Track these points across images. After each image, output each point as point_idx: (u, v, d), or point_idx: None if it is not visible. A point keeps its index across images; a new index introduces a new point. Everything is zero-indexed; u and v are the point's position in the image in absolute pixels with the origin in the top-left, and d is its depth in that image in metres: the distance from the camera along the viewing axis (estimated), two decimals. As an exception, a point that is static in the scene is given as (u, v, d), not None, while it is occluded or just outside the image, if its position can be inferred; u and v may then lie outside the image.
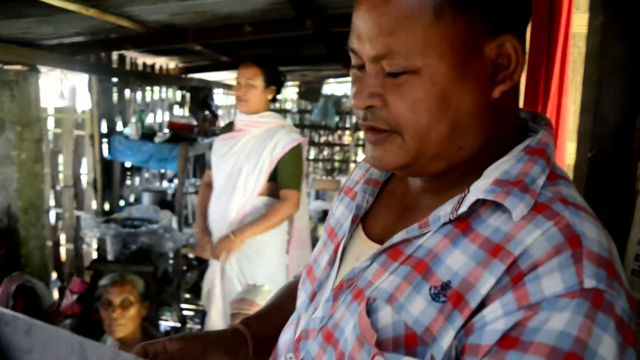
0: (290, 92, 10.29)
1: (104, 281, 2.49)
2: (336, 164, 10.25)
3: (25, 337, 0.66)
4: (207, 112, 5.75)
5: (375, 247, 0.75)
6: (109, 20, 2.81)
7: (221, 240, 2.60)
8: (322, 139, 10.28)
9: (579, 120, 1.56)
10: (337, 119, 9.77)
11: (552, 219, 0.61)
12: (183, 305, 4.32)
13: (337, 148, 10.39)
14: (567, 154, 2.19)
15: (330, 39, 4.40)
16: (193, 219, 4.22)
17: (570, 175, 2.38)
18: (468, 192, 0.67)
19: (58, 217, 4.36)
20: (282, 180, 2.67)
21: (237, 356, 0.90)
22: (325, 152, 10.48)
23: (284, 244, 2.84)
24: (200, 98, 5.88)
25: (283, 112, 9.92)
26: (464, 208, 0.66)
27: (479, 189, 0.66)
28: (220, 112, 6.51)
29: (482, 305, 0.60)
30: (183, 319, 4.11)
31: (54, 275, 4.21)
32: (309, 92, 8.66)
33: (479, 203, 0.66)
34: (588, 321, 0.55)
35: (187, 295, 4.66)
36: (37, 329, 0.68)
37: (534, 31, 2.09)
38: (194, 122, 4.79)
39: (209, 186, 2.88)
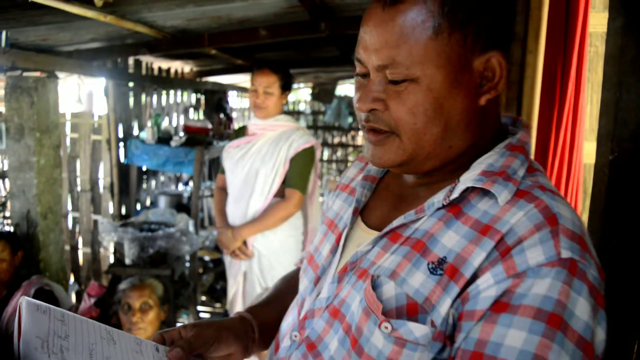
0: (303, 94, 10.30)
1: (123, 285, 2.51)
2: (349, 164, 10.24)
3: (61, 324, 0.73)
4: (222, 115, 5.77)
5: (374, 234, 0.85)
6: (126, 27, 2.84)
7: (220, 235, 2.68)
8: (336, 140, 10.27)
9: (598, 122, 1.54)
10: (350, 120, 9.76)
11: (532, 202, 0.72)
12: (200, 308, 4.35)
13: (350, 149, 10.38)
14: (585, 153, 2.18)
15: (343, 40, 4.41)
16: (209, 222, 4.24)
17: (591, 178, 2.36)
18: (458, 182, 0.78)
19: (75, 221, 4.41)
20: (288, 179, 2.70)
21: (245, 340, 0.98)
22: (339, 153, 10.47)
23: (300, 245, 2.85)
24: (215, 101, 5.91)
25: (296, 113, 9.94)
26: (455, 194, 0.76)
27: (468, 179, 0.77)
28: (234, 114, 6.53)
29: (475, 276, 0.70)
30: (200, 322, 4.12)
31: (72, 278, 4.25)
32: (322, 94, 8.67)
33: (469, 191, 0.77)
34: (566, 286, 0.65)
35: (204, 298, 4.68)
36: (70, 317, 0.76)
37: (551, 31, 2.08)
38: (209, 126, 4.81)
39: (223, 190, 2.91)
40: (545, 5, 2.19)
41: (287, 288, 1.13)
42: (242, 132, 2.89)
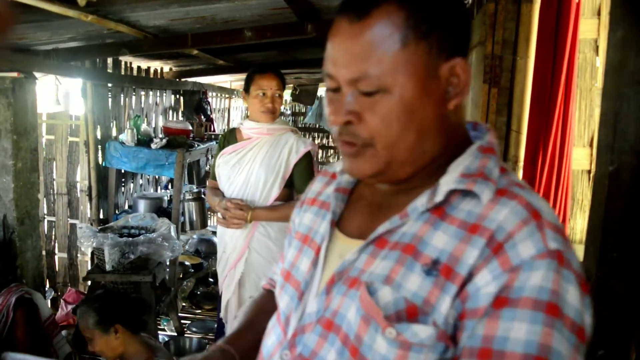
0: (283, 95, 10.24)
1: None
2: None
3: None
4: (202, 116, 5.69)
5: (357, 243, 0.85)
6: (108, 27, 2.76)
7: (236, 211, 2.62)
8: (317, 142, 10.25)
9: (598, 133, 1.53)
10: (331, 121, 9.71)
11: (514, 199, 0.75)
12: (181, 314, 4.27)
13: (331, 151, 10.36)
14: (574, 159, 2.17)
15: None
16: (190, 227, 4.16)
17: (579, 184, 2.36)
18: (438, 185, 0.80)
19: (51, 225, 4.29)
20: (299, 186, 2.69)
21: None
22: (320, 155, 10.45)
23: None
24: (195, 102, 5.82)
25: (276, 114, 9.86)
26: (440, 197, 0.78)
27: (449, 182, 0.79)
28: (214, 115, 6.44)
29: (471, 274, 0.71)
30: (181, 328, 4.05)
31: (47, 285, 4.13)
32: (303, 95, 8.61)
33: (449, 193, 0.79)
34: (557, 275, 0.68)
35: (184, 304, 4.60)
36: None
37: (541, 37, 2.08)
38: (189, 127, 4.73)
39: (216, 188, 2.86)
40: (536, 11, 2.19)
41: (259, 312, 1.13)
42: (232, 136, 2.83)
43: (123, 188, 4.57)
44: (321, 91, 9.54)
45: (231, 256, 2.76)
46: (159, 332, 3.79)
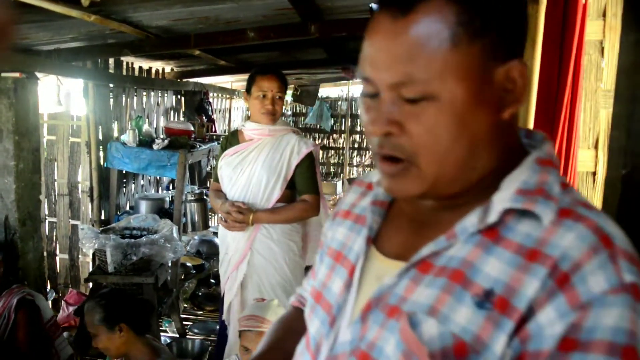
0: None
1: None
2: (331, 168, 10.20)
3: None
4: (203, 117, 5.67)
5: (396, 265, 0.76)
6: (111, 27, 2.74)
7: (237, 215, 2.62)
8: (317, 143, 10.23)
9: (609, 135, 1.52)
10: (332, 122, 9.72)
11: (580, 221, 0.65)
12: (183, 316, 4.25)
13: (332, 152, 10.35)
14: (579, 161, 2.16)
15: (330, 43, 4.36)
16: (192, 228, 4.14)
17: (584, 185, 2.35)
18: (491, 203, 0.70)
19: (52, 226, 4.26)
20: (301, 187, 2.69)
21: None
22: (321, 156, 10.44)
23: (299, 252, 2.80)
24: (196, 102, 5.80)
25: (277, 115, 9.84)
26: (493, 217, 0.69)
27: (504, 199, 0.69)
28: (215, 116, 6.43)
29: (532, 310, 0.62)
30: (183, 330, 4.03)
31: (48, 286, 4.11)
32: (304, 95, 8.60)
33: (504, 212, 0.69)
34: (634, 314, 0.59)
35: (185, 305, 4.58)
36: None
37: (547, 39, 2.06)
38: (191, 128, 4.71)
39: (219, 190, 2.85)
40: (542, 12, 2.17)
41: (287, 331, 1.04)
42: (234, 137, 2.82)
43: (124, 189, 4.55)
44: (322, 92, 9.54)
45: (233, 258, 2.75)
46: (161, 333, 3.77)
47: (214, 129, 5.87)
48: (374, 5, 0.73)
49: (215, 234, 5.03)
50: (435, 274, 0.70)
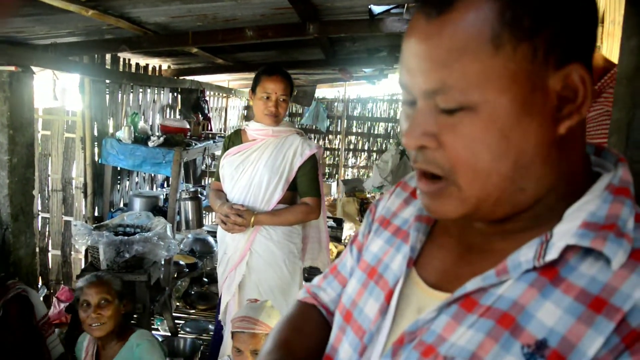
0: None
1: (80, 283, 2.50)
2: (327, 169, 10.18)
3: None
4: (199, 115, 5.65)
5: (436, 295, 0.69)
6: (108, 22, 2.72)
7: (236, 218, 2.61)
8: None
9: (607, 141, 1.51)
10: (328, 123, 9.70)
11: None
12: (175, 314, 4.22)
13: (327, 153, 10.33)
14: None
15: (328, 43, 4.35)
16: (186, 226, 4.12)
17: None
18: (551, 235, 0.61)
19: (45, 222, 4.23)
20: (303, 189, 2.69)
21: None
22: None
23: (298, 254, 2.79)
24: (193, 100, 5.77)
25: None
26: (553, 254, 0.59)
27: (566, 233, 0.60)
28: (211, 114, 6.40)
29: None
30: (175, 329, 4.01)
31: (40, 282, 4.08)
32: (301, 96, 8.59)
33: (565, 248, 0.60)
34: None
35: (178, 304, 4.56)
36: None
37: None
38: (187, 126, 4.69)
39: (219, 190, 2.84)
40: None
41: (295, 331, 0.95)
42: (237, 137, 2.81)
43: (119, 186, 4.52)
44: (318, 92, 9.52)
45: (232, 258, 2.74)
46: (153, 331, 3.74)
47: (209, 127, 5.84)
48: (374, 7, 0.67)
49: (210, 232, 5.01)
50: (481, 314, 0.62)
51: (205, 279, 4.82)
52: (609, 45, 2.83)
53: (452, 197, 0.64)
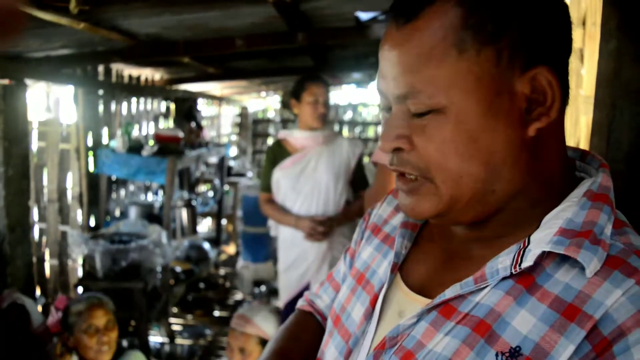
0: (273, 102, 10.25)
1: (79, 306, 2.39)
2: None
3: None
4: (192, 124, 5.69)
5: (418, 300, 0.70)
6: (100, 34, 2.75)
7: (320, 223, 2.73)
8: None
9: (589, 142, 1.56)
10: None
11: (631, 276, 0.56)
12: (172, 320, 4.25)
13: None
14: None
15: (318, 51, 4.39)
16: (181, 233, 4.15)
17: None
18: (528, 242, 0.62)
19: (42, 232, 4.25)
20: (357, 184, 2.88)
21: None
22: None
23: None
24: (185, 109, 5.81)
25: (266, 121, 9.88)
26: (529, 262, 0.60)
27: (543, 240, 0.61)
28: (204, 123, 6.44)
29: None
30: (172, 335, 4.03)
31: (38, 291, 4.09)
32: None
33: (543, 255, 0.61)
34: None
35: (175, 310, 4.58)
36: None
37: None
38: (181, 134, 4.73)
39: (271, 201, 2.94)
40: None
41: (292, 338, 0.96)
42: (281, 147, 2.91)
43: (114, 195, 4.55)
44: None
45: (314, 262, 2.83)
46: (150, 338, 3.77)
47: (202, 135, 5.88)
48: (360, 14, 0.69)
49: (205, 239, 5.04)
50: (458, 322, 0.63)
51: (201, 285, 4.85)
52: (590, 47, 2.89)
53: (430, 194, 0.66)
